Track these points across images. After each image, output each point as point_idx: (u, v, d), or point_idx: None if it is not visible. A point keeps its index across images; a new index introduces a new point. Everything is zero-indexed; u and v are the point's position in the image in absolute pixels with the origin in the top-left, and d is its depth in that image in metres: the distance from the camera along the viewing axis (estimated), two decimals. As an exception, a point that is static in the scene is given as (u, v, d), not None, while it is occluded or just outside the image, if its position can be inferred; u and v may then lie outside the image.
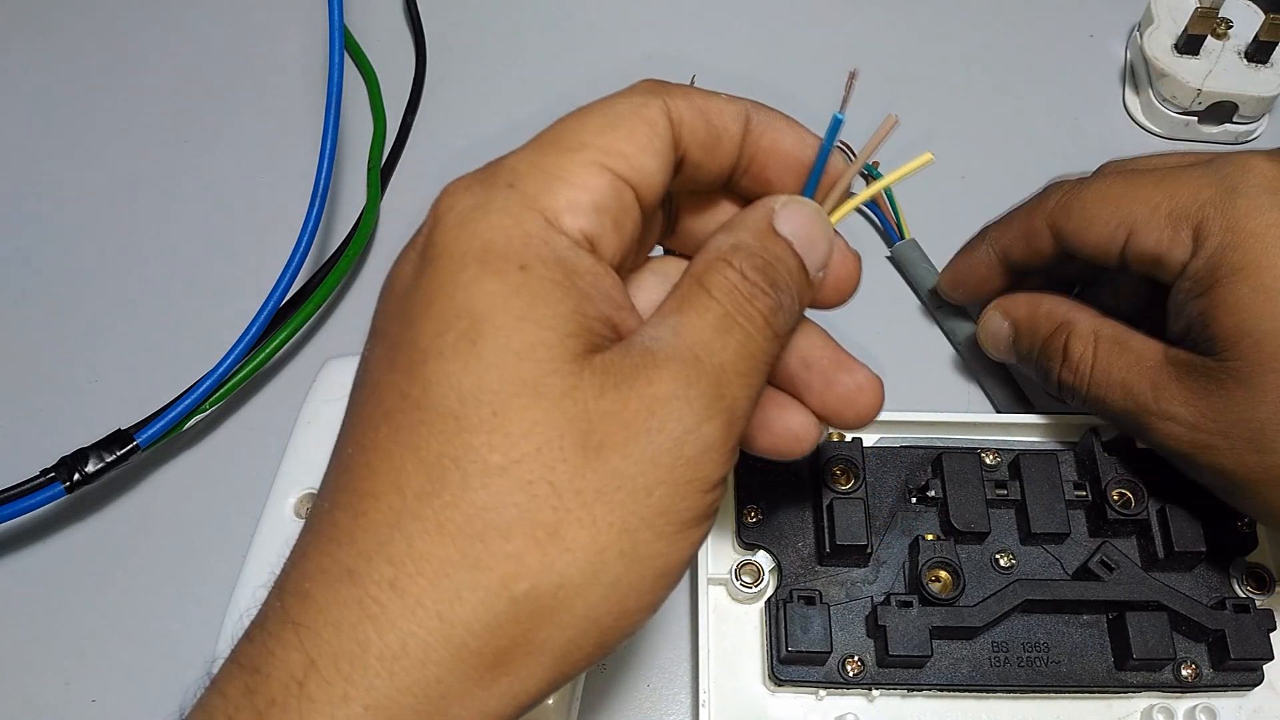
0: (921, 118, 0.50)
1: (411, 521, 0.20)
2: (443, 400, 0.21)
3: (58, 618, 0.38)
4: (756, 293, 0.23)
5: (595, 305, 0.22)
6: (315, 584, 0.21)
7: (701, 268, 0.24)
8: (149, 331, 0.45)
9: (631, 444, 0.21)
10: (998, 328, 0.38)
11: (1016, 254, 0.38)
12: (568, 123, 0.24)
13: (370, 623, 0.20)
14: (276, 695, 0.20)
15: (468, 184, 0.23)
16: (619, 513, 0.21)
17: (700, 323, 0.23)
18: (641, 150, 0.23)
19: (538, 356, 0.21)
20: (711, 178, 0.26)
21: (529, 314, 0.21)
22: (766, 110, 0.27)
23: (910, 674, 0.33)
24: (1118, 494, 0.35)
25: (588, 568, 0.21)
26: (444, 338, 0.21)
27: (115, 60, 0.52)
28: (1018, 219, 0.37)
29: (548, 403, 0.21)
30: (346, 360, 0.40)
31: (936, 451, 0.36)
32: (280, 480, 0.38)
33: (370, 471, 0.21)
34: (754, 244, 0.24)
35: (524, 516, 0.20)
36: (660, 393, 0.21)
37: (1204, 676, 0.33)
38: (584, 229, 0.22)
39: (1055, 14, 0.53)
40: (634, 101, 0.24)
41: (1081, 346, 0.34)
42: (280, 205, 0.46)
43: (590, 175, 0.23)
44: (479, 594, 0.20)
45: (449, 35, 0.53)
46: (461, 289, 0.21)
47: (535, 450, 0.21)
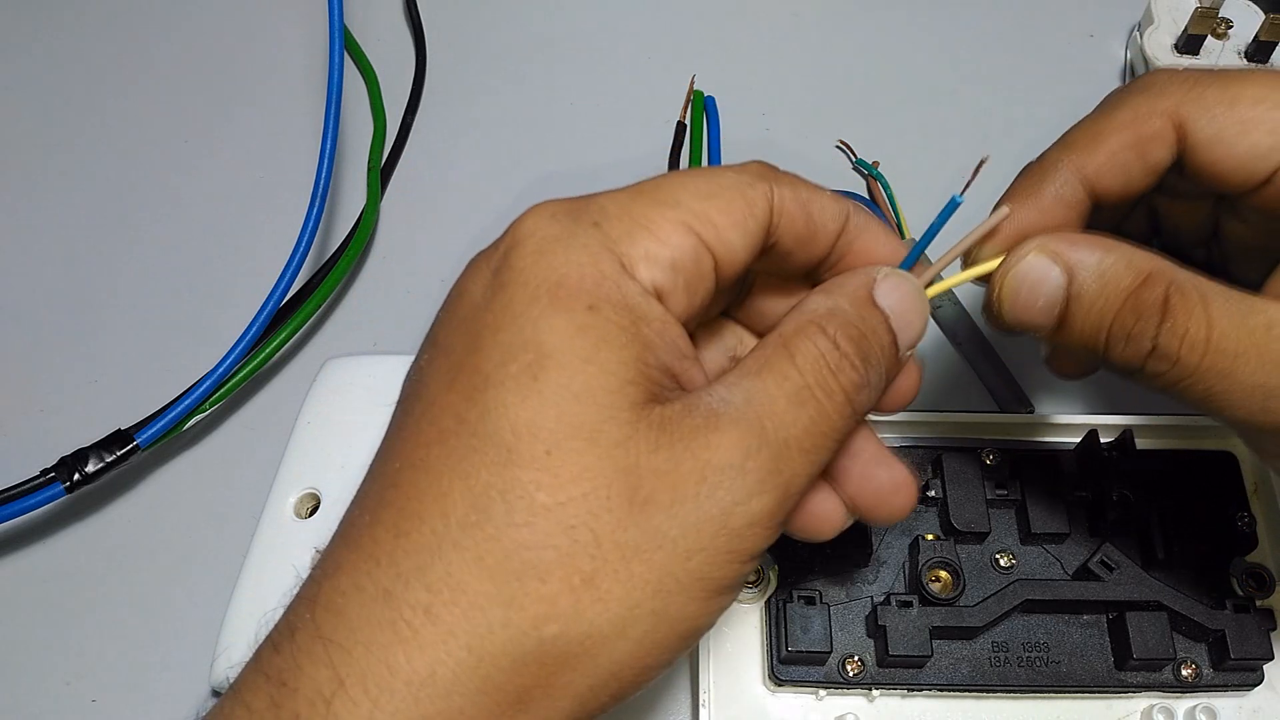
0: (922, 118, 0.50)
1: (452, 549, 0.21)
2: (498, 431, 0.21)
3: (58, 618, 0.38)
4: (845, 366, 0.23)
5: (658, 355, 0.22)
6: (349, 601, 0.21)
7: (792, 330, 0.23)
8: (149, 331, 0.45)
9: (677, 506, 0.21)
10: (1041, 276, 0.26)
11: (1110, 183, 0.27)
12: (670, 179, 0.24)
13: (401, 646, 0.20)
14: (302, 711, 0.20)
15: (554, 211, 0.23)
16: (656, 573, 0.21)
17: (776, 392, 0.22)
18: (733, 225, 0.23)
19: (597, 401, 0.21)
20: (798, 266, 0.26)
21: (593, 356, 0.21)
22: (866, 214, 0.27)
23: (910, 674, 0.33)
24: (1118, 494, 0.35)
25: (618, 621, 0.21)
26: (507, 368, 0.21)
27: (115, 60, 0.53)
28: (1110, 130, 0.27)
29: (600, 450, 0.21)
30: (346, 360, 0.40)
31: (936, 451, 0.36)
32: (280, 480, 0.38)
33: (417, 492, 0.21)
34: (851, 312, 0.24)
35: (563, 560, 0.20)
36: (716, 460, 0.21)
37: (1204, 676, 0.33)
38: (656, 281, 0.23)
39: (1055, 14, 0.53)
40: (741, 179, 0.24)
41: (1190, 302, 0.25)
42: (280, 205, 0.47)
43: (675, 233, 0.23)
44: (510, 631, 0.20)
45: (449, 35, 0.53)
46: (530, 321, 0.21)
47: (582, 495, 0.21)
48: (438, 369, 0.22)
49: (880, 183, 0.47)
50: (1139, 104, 0.26)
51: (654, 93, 0.50)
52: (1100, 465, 0.35)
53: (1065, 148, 0.27)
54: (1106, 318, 0.26)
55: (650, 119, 0.50)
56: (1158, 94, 0.26)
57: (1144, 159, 0.26)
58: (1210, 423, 0.37)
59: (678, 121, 0.49)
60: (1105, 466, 0.35)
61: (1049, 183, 0.27)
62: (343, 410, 0.39)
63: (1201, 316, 0.25)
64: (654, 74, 0.51)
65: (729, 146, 0.48)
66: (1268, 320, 0.25)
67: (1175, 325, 0.25)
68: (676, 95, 0.50)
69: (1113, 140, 0.27)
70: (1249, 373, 0.24)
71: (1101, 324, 0.26)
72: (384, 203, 0.48)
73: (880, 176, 0.47)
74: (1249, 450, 0.37)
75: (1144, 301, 0.25)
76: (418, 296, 0.45)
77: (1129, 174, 0.27)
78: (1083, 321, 0.26)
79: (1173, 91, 0.26)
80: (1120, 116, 0.26)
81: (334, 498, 0.37)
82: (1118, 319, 0.25)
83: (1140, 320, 0.25)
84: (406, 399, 0.23)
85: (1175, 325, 0.25)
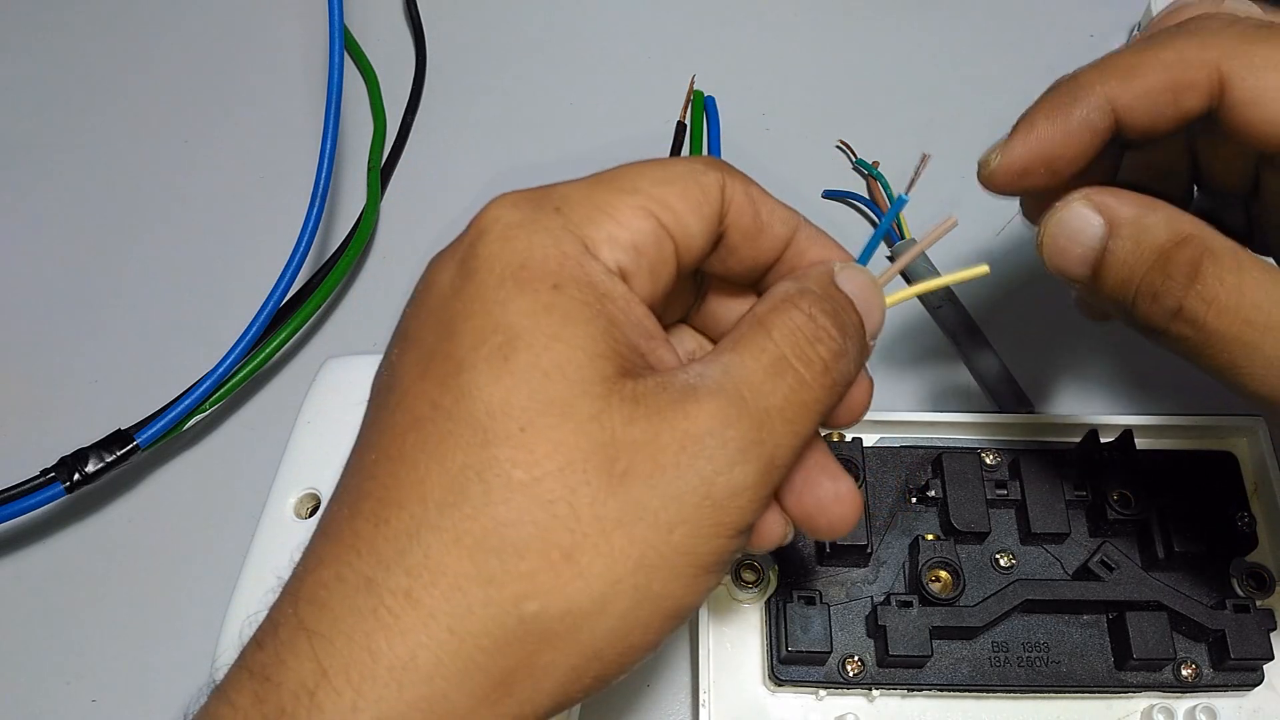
0: (922, 117, 0.50)
1: (430, 532, 0.20)
2: (472, 412, 0.21)
3: (58, 618, 0.38)
4: (822, 335, 0.23)
5: (625, 332, 0.22)
6: (331, 592, 0.21)
7: (766, 309, 0.24)
8: (149, 331, 0.45)
9: (657, 476, 0.21)
10: (1083, 225, 0.26)
11: (1138, 120, 0.26)
12: (626, 168, 0.24)
13: (383, 632, 0.20)
14: (286, 704, 0.20)
15: (515, 200, 0.23)
16: (638, 546, 0.21)
17: (754, 363, 0.22)
18: (690, 210, 0.24)
19: (567, 376, 0.21)
20: (744, 268, 0.26)
21: (560, 333, 0.21)
22: (817, 229, 0.27)
23: (910, 674, 0.33)
24: (1118, 494, 0.35)
25: (599, 597, 0.21)
26: (478, 351, 0.21)
27: (115, 60, 0.53)
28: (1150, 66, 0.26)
29: (574, 424, 0.21)
30: (346, 360, 0.40)
31: (936, 451, 0.36)
32: (280, 480, 0.38)
33: (395, 480, 0.21)
34: (819, 292, 0.24)
35: (541, 535, 0.20)
36: (695, 428, 0.21)
37: (1204, 676, 0.33)
38: (619, 262, 0.23)
39: (1055, 14, 0.53)
40: (694, 167, 0.24)
41: (1222, 268, 0.25)
42: (280, 205, 0.47)
43: (635, 217, 0.23)
44: (490, 610, 0.20)
45: (449, 35, 0.53)
46: (498, 304, 0.21)
47: (558, 470, 0.20)
48: (409, 360, 0.22)
49: (880, 183, 0.47)
50: (1185, 47, 0.25)
51: (654, 93, 0.50)
52: (1100, 465, 0.35)
53: (1102, 72, 0.26)
54: (1137, 273, 0.25)
55: (650, 119, 0.50)
56: (1207, 42, 0.25)
57: (1177, 104, 0.26)
58: (1210, 422, 0.37)
59: (678, 121, 0.49)
60: (1105, 466, 0.35)
61: (1079, 105, 0.26)
62: (343, 410, 0.39)
63: (1233, 283, 0.24)
64: (654, 74, 0.52)
65: (729, 146, 0.48)
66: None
67: (1204, 289, 0.24)
68: (676, 95, 0.50)
69: (1151, 78, 0.26)
70: (1275, 346, 0.24)
71: (1131, 278, 0.26)
72: (384, 203, 0.48)
73: (880, 176, 0.47)
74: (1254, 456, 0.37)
75: (1175, 261, 0.25)
76: (418, 296, 0.45)
77: (1158, 115, 0.26)
78: (1115, 274, 0.26)
79: (1222, 42, 0.25)
80: (1164, 56, 0.26)
81: (334, 498, 0.37)
82: (1147, 276, 0.25)
83: (1168, 279, 0.25)
84: (378, 392, 0.23)
85: (1204, 289, 0.24)
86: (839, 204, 0.48)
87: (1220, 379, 0.25)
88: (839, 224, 0.47)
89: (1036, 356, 0.43)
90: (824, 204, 0.48)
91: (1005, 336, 0.43)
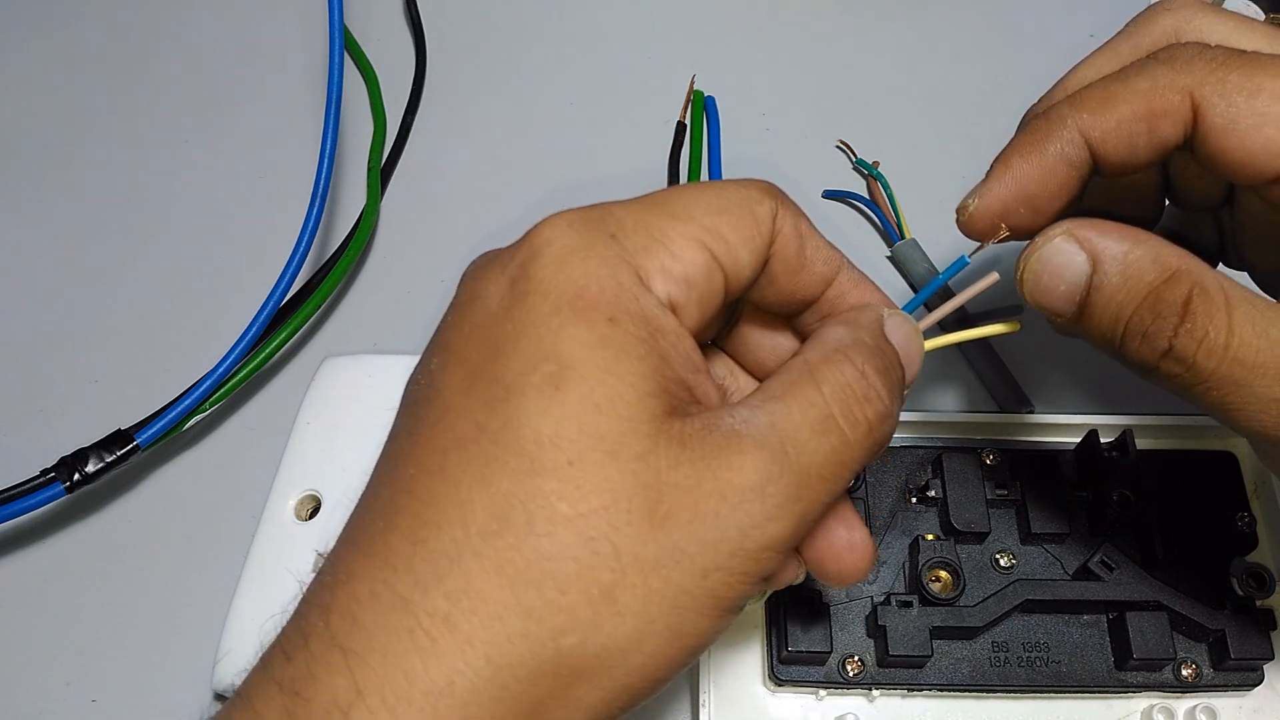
0: (922, 118, 0.50)
1: (472, 558, 0.20)
2: (519, 440, 0.21)
3: (58, 618, 0.38)
4: (871, 395, 0.23)
5: (674, 367, 0.22)
6: (365, 609, 0.21)
7: (818, 358, 0.24)
8: (149, 331, 0.45)
9: (697, 524, 0.21)
10: (1066, 261, 0.25)
11: (1113, 151, 0.26)
12: (682, 191, 0.24)
13: (419, 655, 0.20)
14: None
15: (571, 221, 0.23)
16: (672, 589, 0.21)
17: (801, 418, 0.22)
18: (743, 242, 0.24)
19: (618, 413, 0.21)
20: (780, 299, 0.26)
21: (613, 368, 0.21)
22: (860, 273, 0.27)
23: (910, 674, 0.33)
24: (1118, 494, 0.35)
25: (634, 635, 0.21)
26: (529, 378, 0.21)
27: (115, 60, 0.53)
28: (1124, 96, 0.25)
29: (621, 463, 0.21)
30: (345, 360, 0.40)
31: (936, 451, 0.36)
32: (280, 480, 0.38)
33: (434, 498, 0.21)
34: (872, 344, 0.24)
35: (582, 572, 0.20)
36: (738, 481, 0.21)
37: (1204, 676, 0.33)
38: (671, 295, 0.23)
39: (1055, 14, 0.53)
40: (749, 195, 0.24)
41: (1213, 307, 0.24)
42: (280, 205, 0.47)
43: (689, 249, 0.23)
44: (528, 642, 0.20)
45: (449, 35, 0.53)
46: (551, 332, 0.21)
47: (603, 508, 0.21)
48: (452, 375, 0.22)
49: (880, 183, 0.47)
50: (1159, 76, 0.25)
51: (654, 93, 0.50)
52: (1100, 465, 0.35)
53: (1075, 105, 0.26)
54: (1126, 311, 0.25)
55: (650, 119, 0.50)
56: (1180, 69, 0.25)
57: (1152, 133, 0.25)
58: (1211, 422, 0.37)
59: (678, 121, 0.49)
60: (1105, 466, 0.35)
61: (1053, 139, 0.26)
62: (342, 410, 0.39)
63: (1223, 322, 0.24)
64: (654, 74, 0.51)
65: (729, 146, 0.48)
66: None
67: (1194, 328, 0.24)
68: (676, 95, 0.50)
69: (1124, 108, 0.25)
70: (1265, 385, 0.23)
71: (1120, 317, 0.25)
72: (384, 203, 0.48)
73: (880, 176, 0.47)
74: (1254, 456, 0.37)
75: (1165, 299, 0.24)
76: (418, 296, 0.45)
77: (1134, 145, 0.25)
78: (1102, 312, 0.25)
79: (1196, 69, 0.24)
80: (1137, 84, 0.25)
81: (334, 500, 0.37)
82: (1136, 314, 0.24)
83: (1158, 319, 0.24)
84: (416, 403, 0.23)
85: (1194, 328, 0.24)
86: (839, 204, 0.48)
87: (1212, 415, 0.25)
88: (839, 224, 0.47)
89: (1036, 356, 0.43)
90: (824, 204, 0.48)
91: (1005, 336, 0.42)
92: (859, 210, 0.48)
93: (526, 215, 0.49)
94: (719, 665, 0.34)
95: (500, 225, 0.47)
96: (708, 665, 0.33)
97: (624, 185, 0.48)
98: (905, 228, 0.46)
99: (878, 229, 0.47)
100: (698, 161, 0.48)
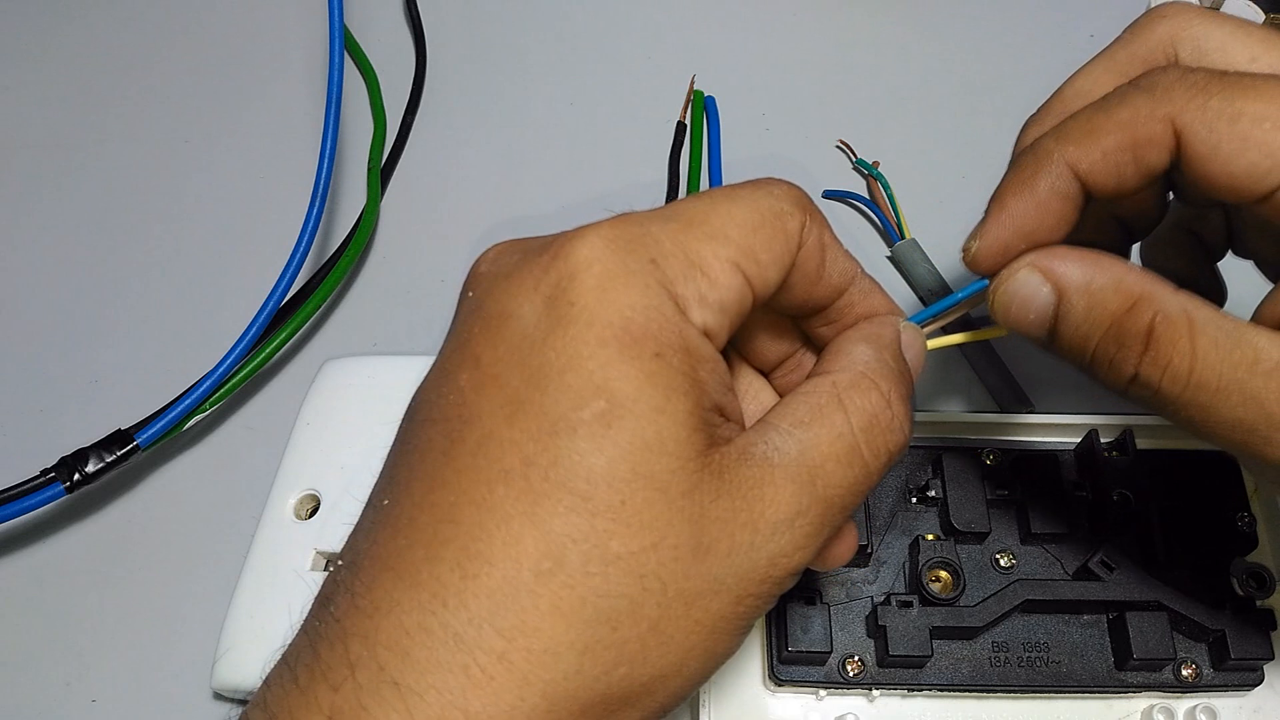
0: (922, 118, 0.50)
1: (526, 596, 0.21)
2: (571, 479, 0.21)
3: (58, 618, 0.38)
4: (895, 426, 0.24)
5: (711, 395, 0.23)
6: (416, 642, 0.20)
7: (846, 382, 0.24)
8: (149, 331, 0.45)
9: (734, 556, 0.22)
10: (1032, 293, 0.26)
11: (1102, 181, 0.26)
12: (716, 205, 0.24)
13: (476, 691, 0.20)
14: None
15: (609, 240, 0.22)
16: (711, 617, 0.22)
17: (828, 449, 0.23)
18: (774, 262, 0.24)
19: (668, 451, 0.21)
20: (793, 305, 0.27)
21: (664, 406, 0.21)
22: (871, 281, 0.27)
23: (910, 674, 0.33)
24: (1118, 494, 0.35)
25: (677, 663, 0.22)
26: (579, 414, 0.21)
27: (116, 60, 0.53)
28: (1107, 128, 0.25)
29: (669, 499, 0.21)
30: (345, 361, 0.40)
31: (936, 451, 0.36)
32: (280, 480, 0.38)
33: (484, 533, 0.21)
34: (896, 367, 0.25)
35: (632, 609, 0.21)
36: (770, 515, 0.22)
37: (1204, 676, 0.33)
38: (708, 323, 0.23)
39: (1055, 14, 0.53)
40: (780, 208, 0.24)
41: (1175, 333, 0.24)
42: (280, 205, 0.47)
43: (726, 274, 0.23)
44: (582, 678, 0.21)
45: (449, 35, 0.53)
46: (600, 366, 0.21)
47: (653, 545, 0.21)
48: (490, 399, 0.22)
49: (880, 183, 0.47)
50: (1140, 105, 0.25)
51: (654, 93, 0.50)
52: (1100, 465, 0.35)
53: (1060, 140, 0.26)
54: (1091, 341, 0.25)
55: (650, 119, 0.50)
56: (1161, 97, 0.25)
57: (1139, 162, 0.25)
58: (1210, 423, 0.37)
59: (678, 121, 0.49)
60: (1105, 466, 0.35)
61: (1042, 176, 0.26)
62: (342, 411, 0.39)
63: (1186, 349, 0.24)
64: (654, 74, 0.52)
65: (729, 146, 0.48)
66: (1254, 354, 0.23)
67: (1158, 356, 0.24)
68: (676, 95, 0.50)
69: (1108, 140, 0.25)
70: (1229, 408, 0.24)
71: (1086, 346, 0.26)
72: (384, 203, 0.48)
73: (880, 176, 0.47)
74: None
75: (1127, 330, 0.25)
76: (418, 296, 0.45)
77: (1122, 175, 0.25)
78: (1069, 341, 0.26)
79: (1176, 96, 0.24)
80: (1119, 115, 0.25)
81: (333, 499, 0.37)
82: (1101, 344, 0.25)
83: (1122, 348, 0.25)
84: (448, 420, 0.22)
85: (1158, 356, 0.24)
86: (839, 204, 0.48)
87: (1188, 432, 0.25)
88: (839, 224, 0.47)
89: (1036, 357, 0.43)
90: (824, 204, 0.48)
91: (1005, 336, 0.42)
92: (859, 210, 0.48)
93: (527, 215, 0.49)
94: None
95: (500, 225, 0.47)
96: (708, 665, 0.34)
97: (624, 185, 0.48)
98: (905, 228, 0.46)
99: (878, 229, 0.47)
100: (698, 161, 0.48)
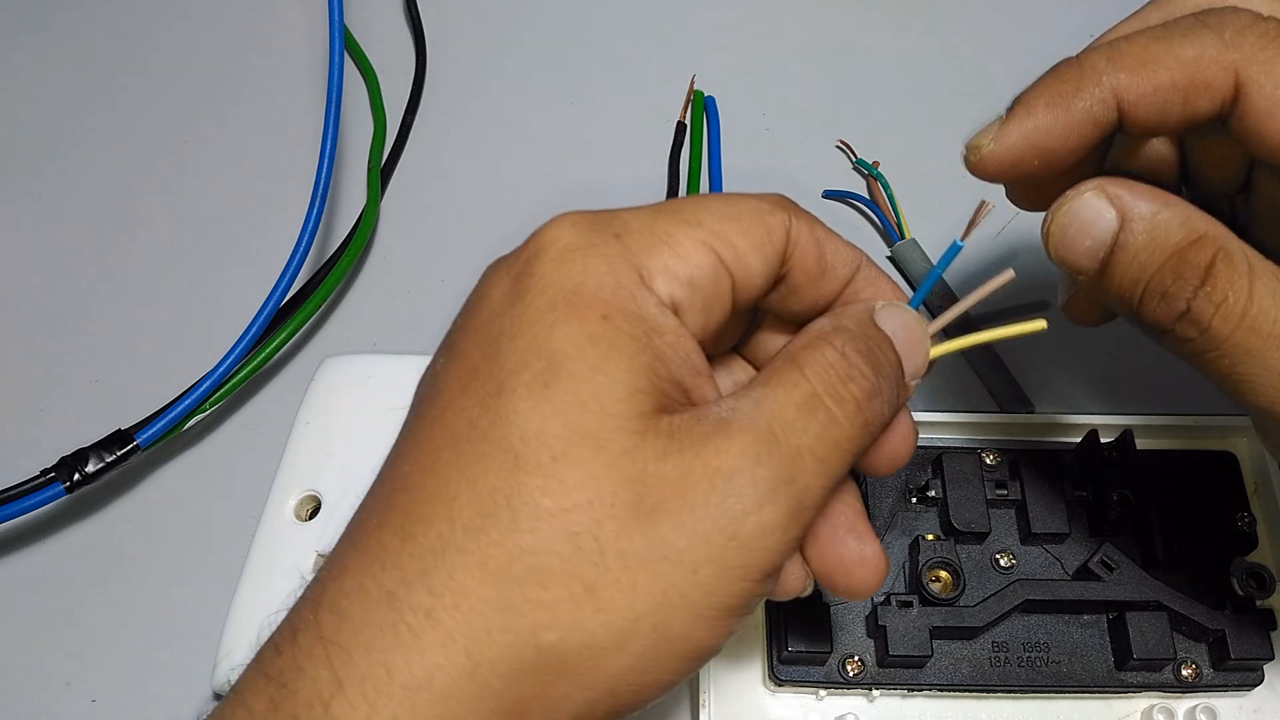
0: (922, 118, 0.50)
1: (456, 554, 0.20)
2: (506, 436, 0.21)
3: (58, 618, 0.38)
4: (854, 374, 0.23)
5: (670, 367, 0.22)
6: (353, 603, 0.21)
7: (800, 345, 0.24)
8: (149, 331, 0.45)
9: (685, 515, 0.21)
10: (1094, 216, 0.25)
11: (1143, 116, 0.24)
12: (691, 200, 0.24)
13: (401, 650, 0.20)
14: (300, 713, 0.20)
15: (575, 221, 0.23)
16: (660, 584, 0.20)
17: (785, 399, 0.22)
18: (752, 249, 0.24)
19: (604, 409, 0.21)
20: (804, 308, 0.26)
21: (602, 365, 0.21)
22: (878, 270, 0.27)
23: (910, 674, 0.33)
24: (1118, 494, 0.35)
25: (618, 634, 0.20)
26: (520, 375, 0.21)
27: (115, 60, 0.53)
28: (1164, 59, 0.24)
29: (606, 457, 0.21)
30: (344, 360, 0.40)
31: (936, 451, 0.36)
32: (280, 480, 0.38)
33: (425, 495, 0.21)
34: (855, 329, 0.24)
35: (564, 568, 0.20)
36: (725, 466, 0.21)
37: (1204, 676, 0.33)
38: (673, 295, 0.23)
39: (1055, 14, 0.53)
40: (760, 205, 0.24)
41: (1235, 273, 0.24)
42: (280, 205, 0.47)
43: (695, 251, 0.23)
44: (508, 637, 0.20)
45: (449, 35, 0.53)
46: (545, 328, 0.21)
47: (587, 502, 0.20)
48: (453, 373, 0.22)
49: (880, 183, 0.47)
50: (1207, 45, 0.23)
51: (654, 93, 0.50)
52: (1100, 465, 0.35)
53: (1113, 61, 0.24)
54: (1148, 270, 0.24)
55: (650, 119, 0.50)
56: (1230, 42, 0.23)
57: (1187, 104, 0.24)
58: (1211, 422, 0.37)
59: (678, 121, 0.49)
60: (1105, 466, 0.35)
61: (1083, 94, 0.25)
62: (342, 410, 0.39)
63: (1244, 288, 0.23)
64: (654, 74, 0.51)
65: (729, 146, 0.48)
66: None
67: (1214, 291, 0.23)
68: (676, 95, 0.50)
69: (1164, 74, 0.24)
70: (1277, 357, 0.23)
71: (1142, 276, 0.24)
72: (384, 203, 0.48)
73: (880, 176, 0.47)
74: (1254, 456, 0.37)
75: (1188, 261, 0.24)
76: (418, 296, 0.45)
77: (1165, 114, 0.24)
78: (1124, 271, 0.25)
79: (1245, 44, 0.23)
80: (1182, 51, 0.24)
81: (334, 500, 0.37)
82: (1158, 274, 0.24)
83: (1179, 279, 0.24)
84: (420, 402, 0.23)
85: (1214, 291, 0.23)
86: (839, 204, 0.48)
87: (1220, 386, 0.25)
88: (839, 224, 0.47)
89: (1036, 356, 0.43)
90: (824, 204, 0.48)
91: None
92: (859, 210, 0.48)
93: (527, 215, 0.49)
94: (719, 665, 0.34)
95: (500, 225, 0.47)
96: (708, 665, 0.33)
97: (624, 185, 0.48)
98: (905, 228, 0.46)
99: (878, 229, 0.47)
100: (698, 161, 0.48)
